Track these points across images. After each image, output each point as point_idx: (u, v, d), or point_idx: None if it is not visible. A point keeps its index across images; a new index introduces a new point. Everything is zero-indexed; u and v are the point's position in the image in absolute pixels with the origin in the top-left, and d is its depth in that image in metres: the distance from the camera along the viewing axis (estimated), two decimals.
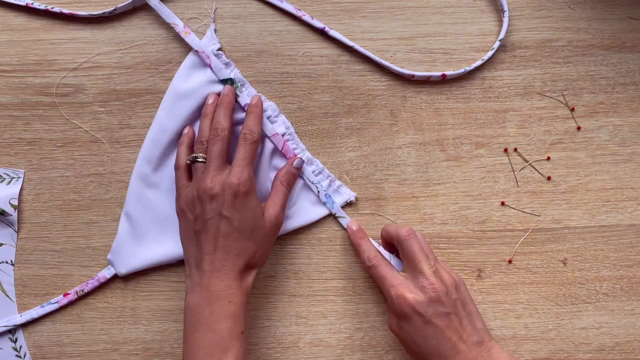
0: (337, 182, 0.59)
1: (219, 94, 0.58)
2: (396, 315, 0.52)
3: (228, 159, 0.54)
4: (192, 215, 0.53)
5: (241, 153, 0.53)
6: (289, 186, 0.56)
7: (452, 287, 0.52)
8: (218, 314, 0.50)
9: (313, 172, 0.59)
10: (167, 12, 0.59)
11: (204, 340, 0.49)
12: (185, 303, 0.52)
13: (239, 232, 0.52)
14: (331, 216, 0.59)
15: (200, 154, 0.54)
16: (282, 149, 0.58)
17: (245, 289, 0.52)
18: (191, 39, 0.58)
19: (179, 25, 0.59)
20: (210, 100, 0.57)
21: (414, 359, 0.53)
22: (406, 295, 0.51)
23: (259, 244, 0.53)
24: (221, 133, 0.53)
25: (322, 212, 0.59)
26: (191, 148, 0.56)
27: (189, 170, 0.56)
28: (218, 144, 0.53)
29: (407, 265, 0.53)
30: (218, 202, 0.51)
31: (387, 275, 0.53)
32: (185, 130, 0.57)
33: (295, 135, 0.59)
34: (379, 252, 0.55)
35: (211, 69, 0.58)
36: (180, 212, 0.54)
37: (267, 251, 0.55)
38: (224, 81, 0.58)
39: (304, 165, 0.58)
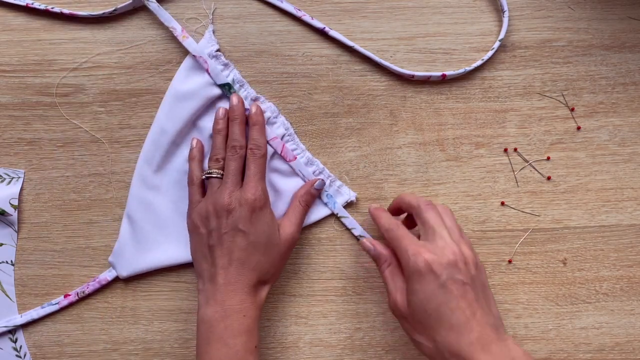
0: (338, 182, 0.59)
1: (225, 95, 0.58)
2: (408, 278, 0.49)
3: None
4: (206, 230, 0.53)
5: (252, 168, 0.54)
6: (308, 206, 0.57)
7: (472, 263, 0.49)
8: (233, 328, 0.50)
9: (313, 172, 0.59)
10: (165, 16, 0.58)
11: (218, 354, 0.49)
12: (198, 316, 0.52)
13: (253, 246, 0.52)
14: (331, 216, 0.59)
15: (215, 170, 0.54)
16: (282, 152, 0.58)
17: (258, 304, 0.52)
18: (189, 43, 0.58)
19: (177, 30, 0.58)
20: (220, 115, 0.56)
21: (419, 334, 0.49)
22: (423, 252, 0.48)
23: (273, 259, 0.53)
24: (240, 151, 0.54)
25: (323, 212, 0.59)
26: (202, 162, 0.57)
27: (202, 186, 0.56)
28: (237, 161, 0.54)
29: (425, 234, 0.51)
30: (234, 217, 0.52)
31: (405, 236, 0.50)
32: (194, 144, 0.57)
33: (295, 136, 0.59)
34: (400, 223, 0.53)
35: (208, 73, 0.58)
36: (193, 227, 0.54)
37: (280, 268, 0.55)
38: (221, 86, 0.58)
39: (304, 166, 0.58)
